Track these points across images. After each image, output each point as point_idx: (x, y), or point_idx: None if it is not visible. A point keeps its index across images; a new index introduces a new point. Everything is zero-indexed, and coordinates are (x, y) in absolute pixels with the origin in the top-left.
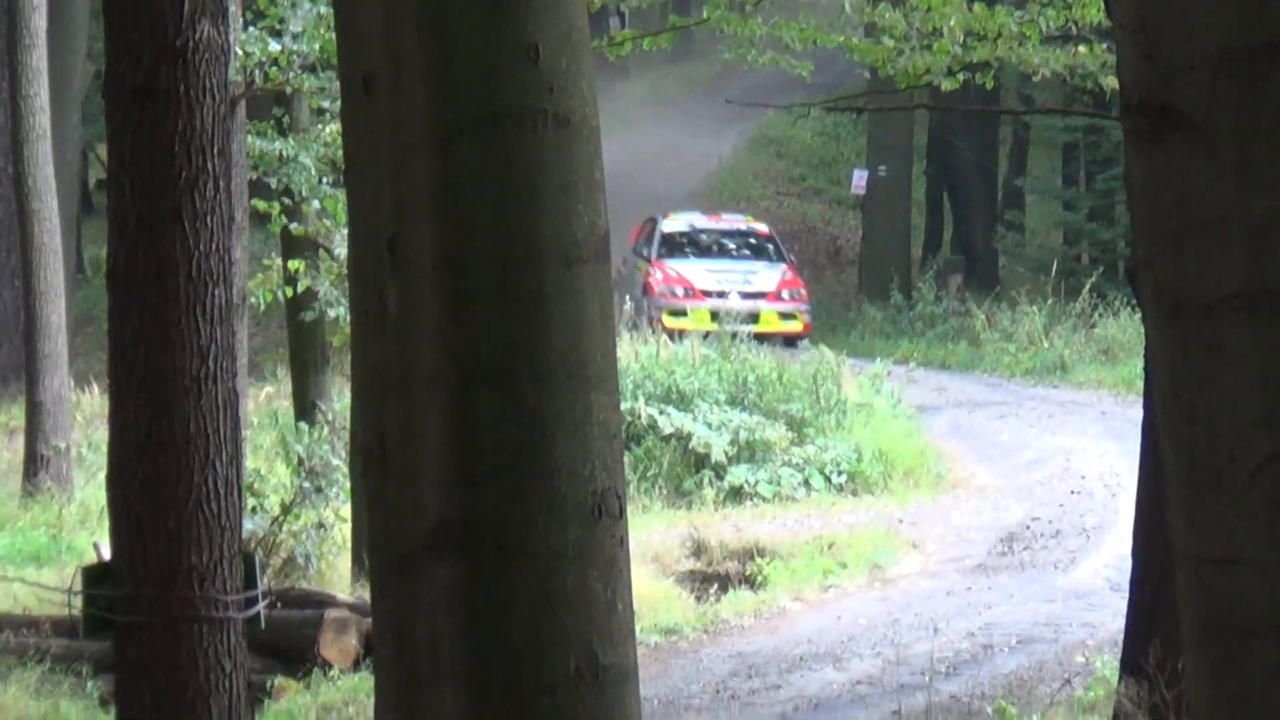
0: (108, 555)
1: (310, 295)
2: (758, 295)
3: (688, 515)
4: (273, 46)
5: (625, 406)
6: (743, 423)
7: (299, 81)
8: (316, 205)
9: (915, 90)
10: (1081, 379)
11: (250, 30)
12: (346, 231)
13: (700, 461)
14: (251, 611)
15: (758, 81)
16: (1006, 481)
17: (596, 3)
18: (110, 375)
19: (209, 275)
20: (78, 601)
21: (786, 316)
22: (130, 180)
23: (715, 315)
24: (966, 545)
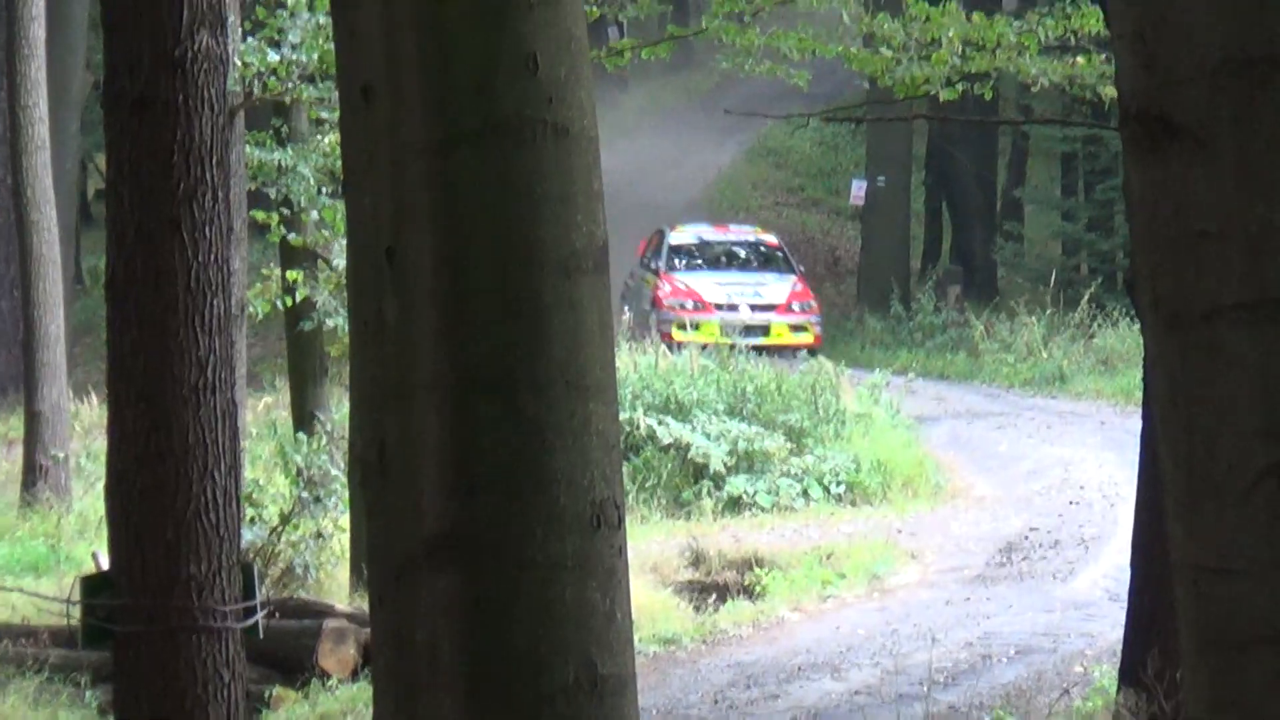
0: (106, 565)
1: (309, 305)
2: (768, 307)
3: (686, 525)
4: (271, 57)
5: (624, 417)
6: (741, 433)
7: (297, 92)
8: (315, 215)
9: (914, 100)
10: (1080, 389)
11: (249, 41)
12: (345, 241)
13: (699, 472)
14: (250, 621)
15: (756, 92)
16: (1005, 492)
17: (595, 12)
18: (109, 385)
19: (208, 285)
20: (76, 611)
21: (797, 329)
22: (129, 190)
23: (724, 328)
24: (965, 555)
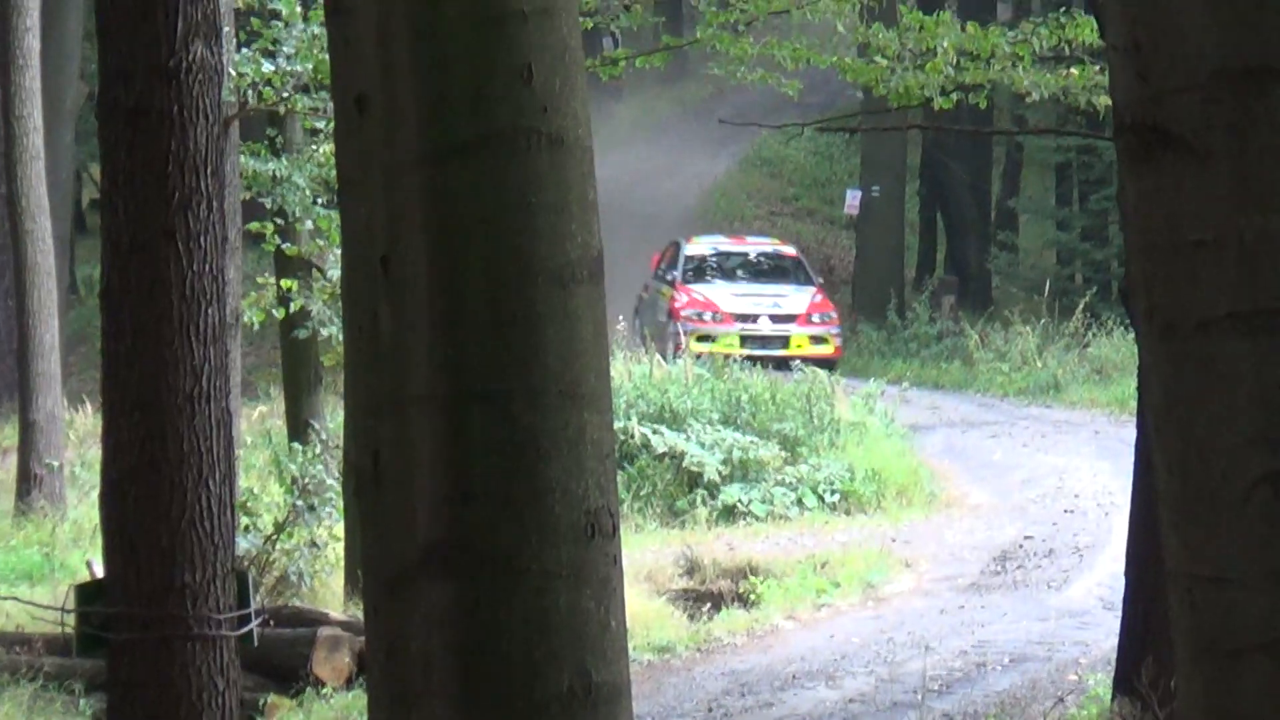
0: (100, 573)
1: (303, 315)
2: (788, 318)
3: (681, 534)
4: (266, 67)
5: (618, 426)
6: (736, 442)
7: (292, 102)
8: (310, 225)
9: (908, 110)
10: (1075, 398)
11: (244, 51)
12: (339, 251)
13: (693, 480)
14: (244, 630)
15: (751, 102)
16: (1000, 500)
17: (589, 23)
18: (104, 394)
19: (202, 295)
20: (70, 619)
21: (818, 340)
22: (124, 200)
23: (743, 339)
24: (959, 564)
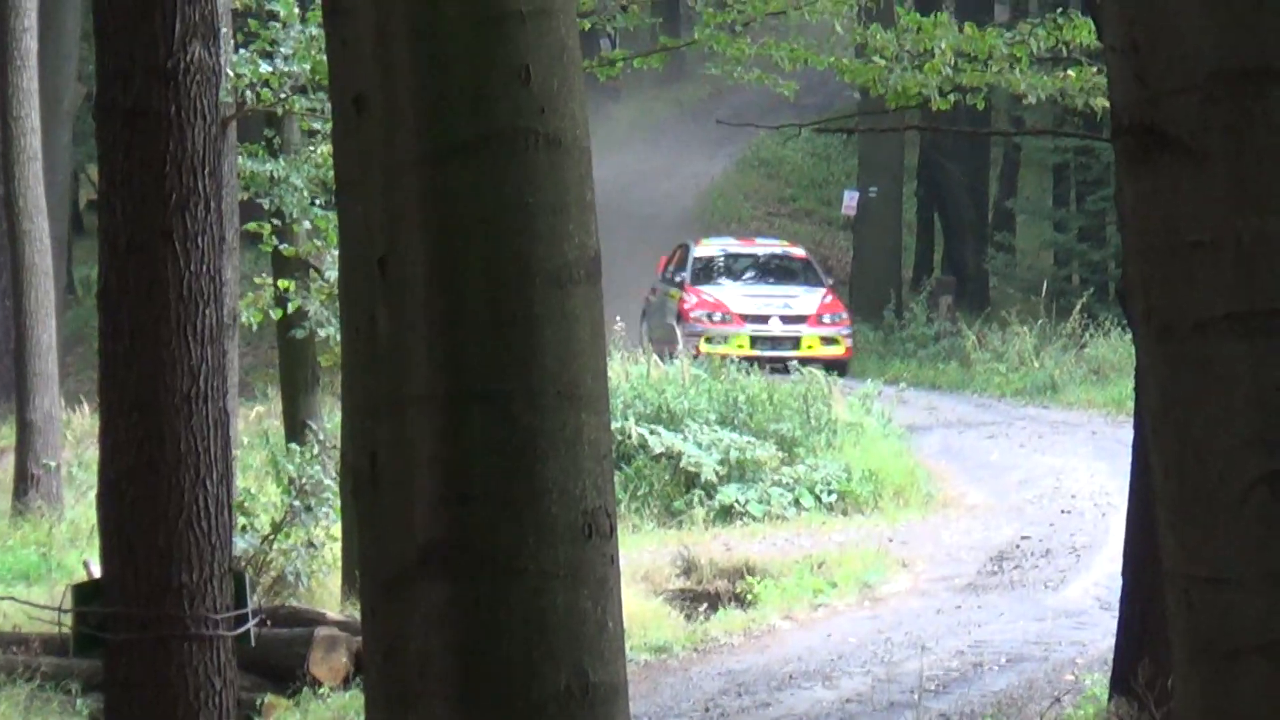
0: (98, 573)
1: (301, 315)
2: (798, 319)
3: (678, 534)
4: (264, 68)
5: (616, 426)
6: (733, 442)
7: (290, 103)
8: (307, 226)
9: (906, 111)
10: (1072, 399)
11: (241, 52)
12: (337, 252)
13: (690, 481)
14: (241, 629)
15: (748, 103)
16: (997, 501)
17: (587, 24)
18: (101, 394)
19: (200, 295)
20: (67, 619)
21: (829, 341)
22: (121, 201)
23: (754, 341)
24: (956, 564)
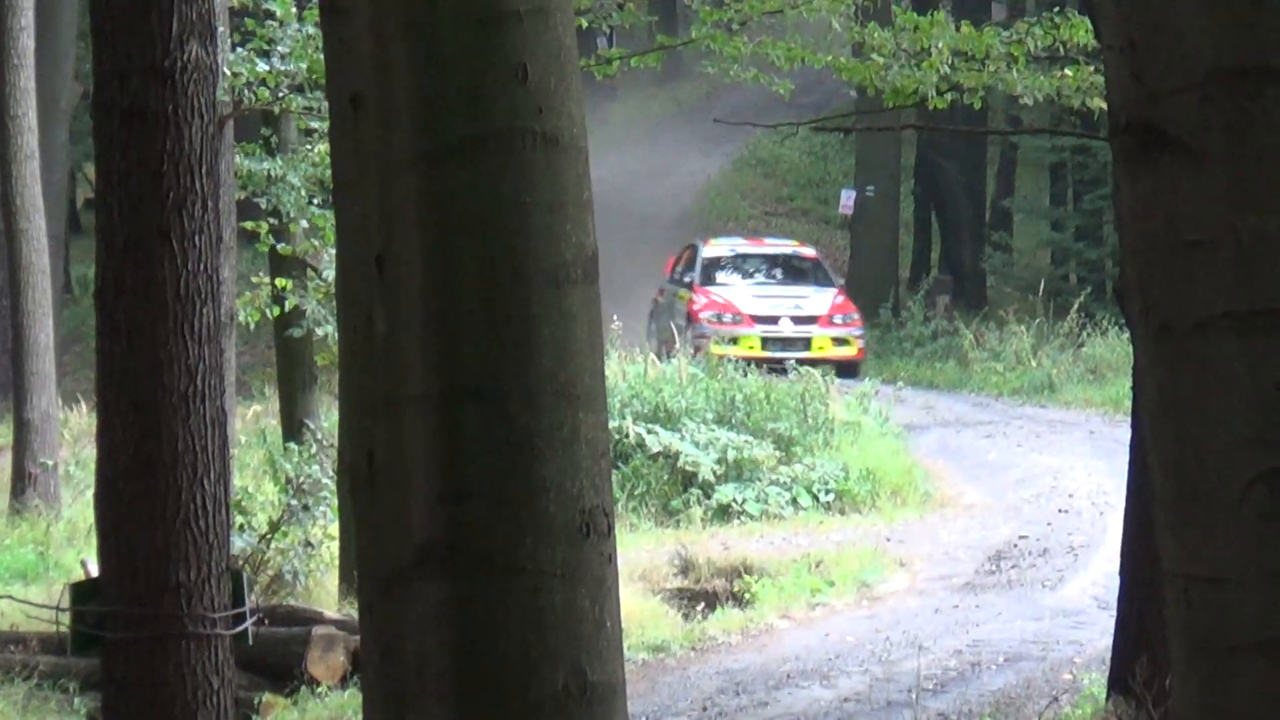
0: (95, 572)
1: (298, 314)
2: (809, 320)
3: (675, 533)
4: (261, 67)
5: (613, 425)
6: (730, 441)
7: (287, 101)
8: (304, 224)
9: (903, 110)
10: (1069, 398)
11: (238, 51)
12: (334, 250)
13: (688, 480)
14: (239, 628)
15: (745, 102)
16: (994, 500)
17: (584, 22)
18: (98, 393)
19: (197, 294)
20: (65, 618)
21: (840, 341)
22: (118, 200)
23: (764, 341)
24: (954, 563)
